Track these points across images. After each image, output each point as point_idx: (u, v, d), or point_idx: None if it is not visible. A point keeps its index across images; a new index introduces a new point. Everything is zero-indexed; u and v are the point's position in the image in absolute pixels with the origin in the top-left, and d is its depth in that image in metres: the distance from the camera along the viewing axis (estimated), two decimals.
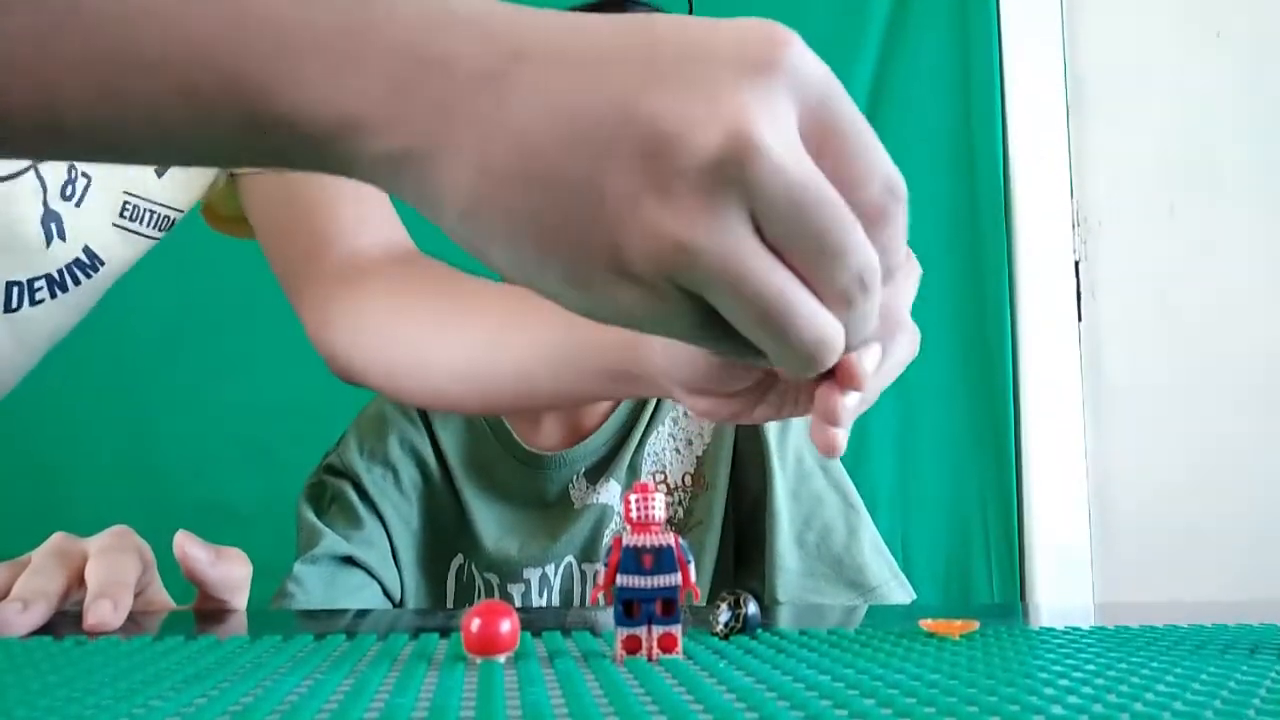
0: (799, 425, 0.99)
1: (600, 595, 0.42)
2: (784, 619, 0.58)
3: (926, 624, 0.50)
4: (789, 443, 0.97)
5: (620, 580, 0.41)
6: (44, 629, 0.51)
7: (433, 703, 0.32)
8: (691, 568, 0.42)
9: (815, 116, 0.34)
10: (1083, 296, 1.77)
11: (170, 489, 1.62)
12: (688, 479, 0.99)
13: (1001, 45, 1.79)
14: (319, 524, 0.98)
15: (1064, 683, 0.36)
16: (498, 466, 0.98)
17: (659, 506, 0.42)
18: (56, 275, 0.76)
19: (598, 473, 0.98)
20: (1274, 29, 1.77)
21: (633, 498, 0.42)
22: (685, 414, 1.00)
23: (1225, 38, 1.78)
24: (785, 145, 0.32)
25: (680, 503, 0.99)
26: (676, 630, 0.41)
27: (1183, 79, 1.78)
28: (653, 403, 0.99)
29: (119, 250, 0.79)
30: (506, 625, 0.40)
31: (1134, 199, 1.78)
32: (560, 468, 0.97)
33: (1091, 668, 0.40)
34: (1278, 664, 0.41)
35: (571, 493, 0.97)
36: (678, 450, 1.00)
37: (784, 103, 0.33)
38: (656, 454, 1.00)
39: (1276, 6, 1.77)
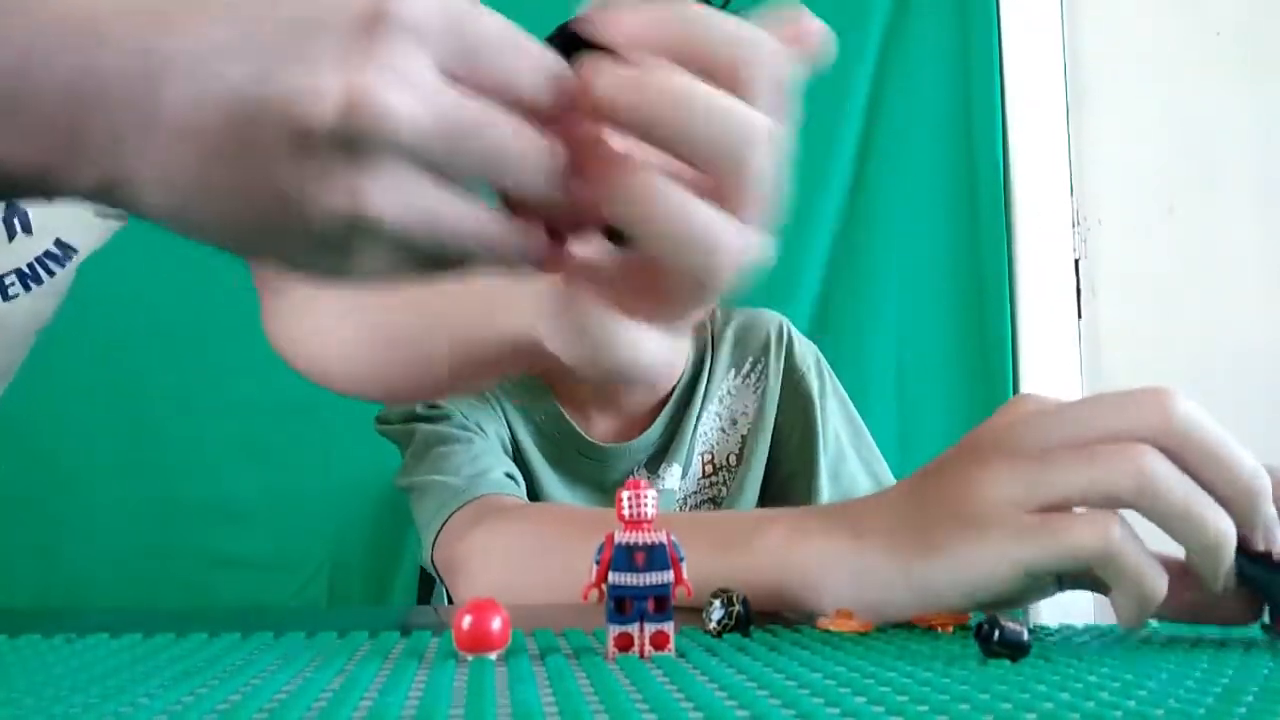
0: (835, 404, 1.01)
1: (592, 592, 0.41)
2: (777, 616, 0.58)
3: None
4: (829, 422, 0.99)
5: (612, 578, 0.41)
6: (32, 626, 0.51)
7: (422, 701, 0.32)
8: (684, 565, 0.42)
9: (451, 46, 0.33)
10: (1083, 295, 1.77)
11: (171, 487, 1.62)
12: (732, 458, 1.00)
13: (1001, 44, 1.79)
14: (432, 425, 0.92)
15: (1056, 678, 0.36)
16: (566, 460, 0.98)
17: (651, 504, 0.42)
18: (27, 269, 0.76)
19: (657, 461, 0.99)
20: (1274, 29, 1.76)
21: (625, 495, 0.42)
22: (730, 392, 1.02)
23: (1225, 37, 1.78)
24: (409, 92, 0.32)
25: (724, 482, 1.00)
26: (669, 628, 0.41)
27: (1183, 78, 1.78)
28: (703, 387, 1.00)
29: (93, 236, 0.79)
30: (497, 622, 0.40)
31: (1134, 198, 1.77)
32: (623, 459, 0.98)
33: (1084, 664, 0.40)
34: (1271, 662, 0.41)
35: None
36: (723, 430, 1.02)
37: (403, 50, 0.32)
38: (705, 434, 1.01)
39: (1276, 6, 1.77)
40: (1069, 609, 0.63)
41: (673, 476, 0.98)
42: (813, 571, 0.55)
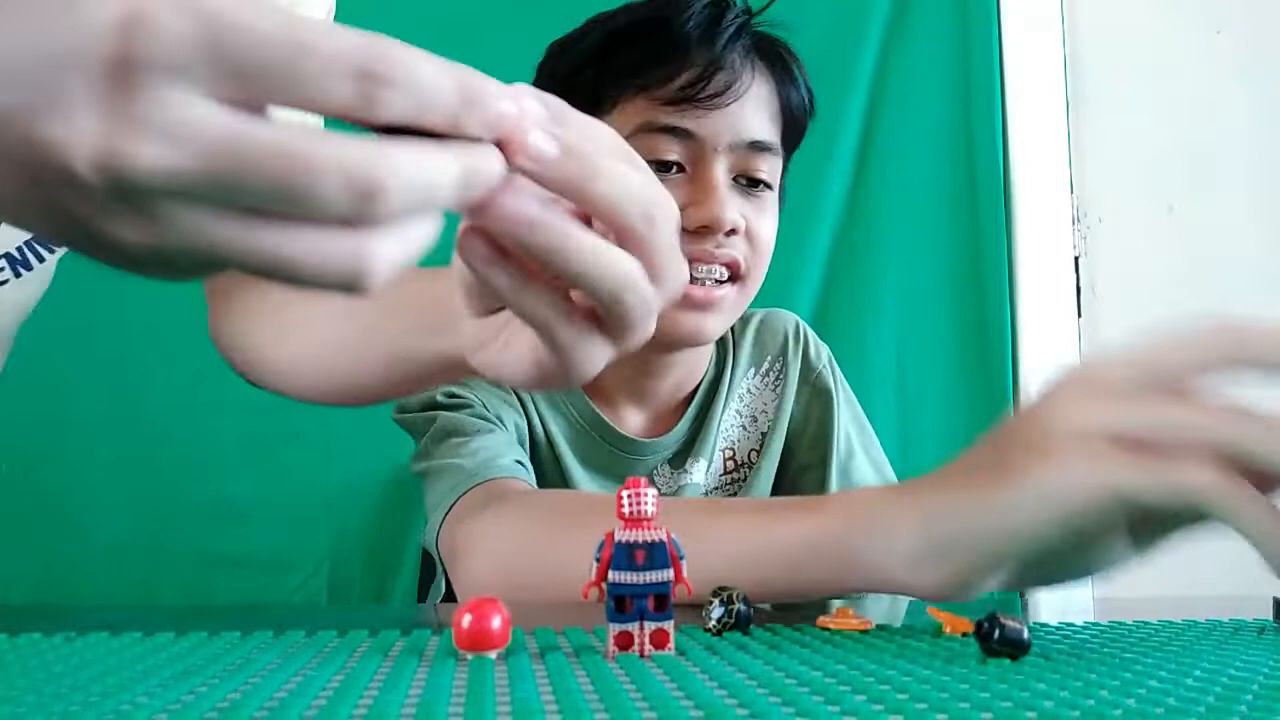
0: (845, 402, 1.04)
1: (592, 590, 0.41)
2: (778, 614, 0.58)
3: (934, 611, 0.49)
4: (841, 420, 1.01)
5: (612, 576, 0.41)
6: (32, 625, 0.51)
7: (422, 699, 0.32)
8: (684, 563, 0.42)
9: (218, 71, 0.31)
10: (1083, 293, 1.77)
11: (170, 487, 1.62)
12: (753, 454, 1.02)
13: (1001, 43, 1.79)
14: (452, 413, 0.91)
15: (1056, 676, 0.36)
16: (597, 453, 0.98)
17: (651, 502, 0.42)
18: (17, 254, 0.75)
19: (683, 456, 1.00)
20: (1274, 28, 1.76)
21: (625, 493, 0.42)
22: (750, 390, 1.03)
23: (1225, 36, 1.78)
24: (162, 142, 0.31)
25: (745, 479, 1.01)
26: (669, 626, 0.41)
27: (1183, 77, 1.77)
28: (726, 384, 1.02)
29: None
30: (497, 621, 0.40)
31: (1134, 195, 1.77)
32: (650, 453, 0.99)
33: (1084, 662, 0.40)
34: (1271, 660, 0.41)
35: (655, 478, 0.99)
36: (744, 427, 1.03)
37: (156, 96, 0.31)
38: (727, 431, 1.02)
39: (1276, 5, 1.77)
40: (1067, 609, 0.63)
41: (699, 471, 1.00)
42: (885, 520, 0.54)
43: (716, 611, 0.47)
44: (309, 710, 0.31)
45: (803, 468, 1.02)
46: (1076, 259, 1.77)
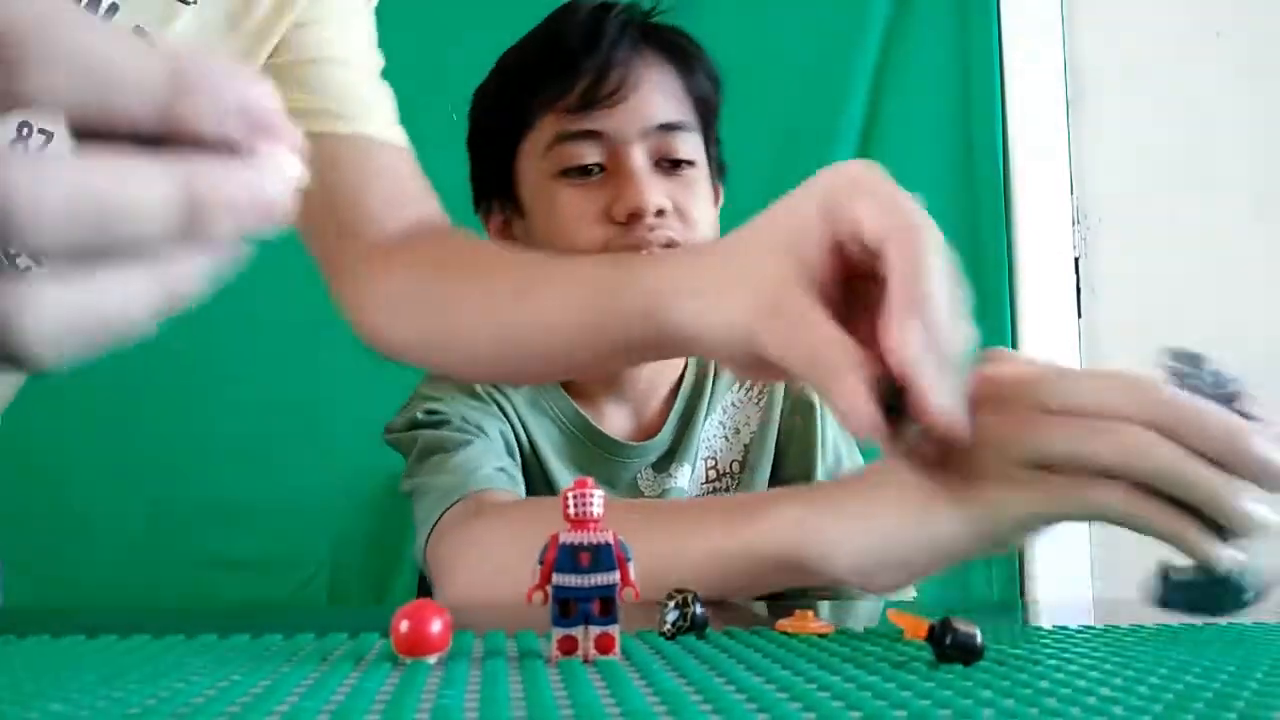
0: (830, 415, 1.03)
1: (536, 594, 0.40)
2: (736, 617, 0.56)
3: (894, 616, 0.48)
4: (827, 431, 1.01)
5: (556, 579, 0.40)
6: (38, 628, 0.49)
7: (341, 706, 0.31)
8: (631, 566, 0.41)
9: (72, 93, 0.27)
10: (1083, 293, 1.75)
11: (170, 488, 1.62)
12: (735, 466, 1.02)
13: (1001, 43, 1.78)
14: (433, 431, 0.92)
15: (1006, 684, 0.35)
16: (583, 456, 0.99)
17: (597, 503, 0.41)
18: None
19: (666, 461, 1.01)
20: (1274, 29, 1.75)
21: (570, 494, 0.41)
22: (734, 404, 1.04)
23: (1225, 37, 1.76)
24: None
25: (728, 488, 1.01)
26: (614, 630, 0.40)
27: (1183, 77, 1.76)
28: (708, 392, 1.02)
29: None
30: (437, 625, 0.39)
31: (1134, 196, 1.76)
32: (636, 456, 1.00)
33: (1075, 668, 0.38)
34: (1266, 664, 0.40)
35: (639, 482, 1.00)
36: (727, 438, 1.03)
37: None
38: (709, 440, 1.02)
39: (1276, 6, 1.76)
40: (1070, 611, 0.62)
41: (683, 476, 1.01)
42: (828, 534, 0.57)
43: (671, 614, 0.46)
44: (220, 718, 0.30)
45: (791, 479, 1.02)
46: (1076, 259, 1.76)
